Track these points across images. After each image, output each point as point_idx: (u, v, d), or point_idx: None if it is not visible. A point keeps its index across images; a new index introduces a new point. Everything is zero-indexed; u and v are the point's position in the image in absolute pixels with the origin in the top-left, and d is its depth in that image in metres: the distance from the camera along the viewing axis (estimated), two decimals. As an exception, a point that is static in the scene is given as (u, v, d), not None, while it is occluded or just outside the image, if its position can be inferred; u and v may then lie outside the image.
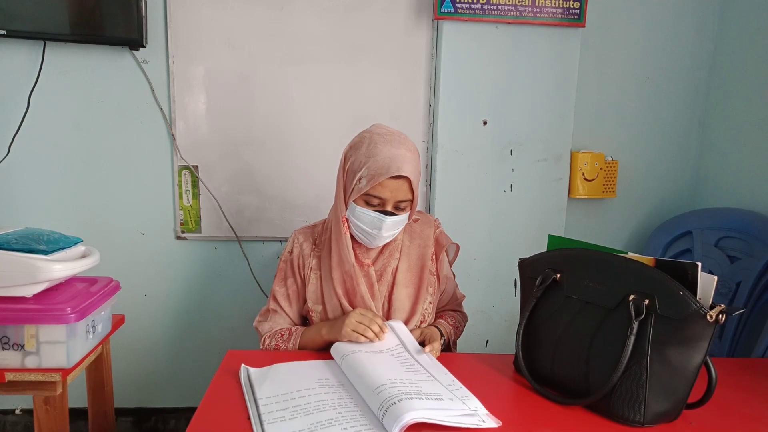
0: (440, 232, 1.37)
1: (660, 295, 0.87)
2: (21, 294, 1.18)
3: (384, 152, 1.17)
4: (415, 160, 1.20)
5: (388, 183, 1.16)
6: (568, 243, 1.07)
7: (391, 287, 1.27)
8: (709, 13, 2.09)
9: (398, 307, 1.26)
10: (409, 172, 1.16)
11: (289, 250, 1.34)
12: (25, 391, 1.19)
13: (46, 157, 1.86)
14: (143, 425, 2.07)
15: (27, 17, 1.68)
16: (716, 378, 0.91)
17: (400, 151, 1.17)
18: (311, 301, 1.28)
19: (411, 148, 1.21)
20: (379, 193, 1.17)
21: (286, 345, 1.23)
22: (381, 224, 1.18)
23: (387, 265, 1.28)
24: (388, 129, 1.24)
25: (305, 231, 1.36)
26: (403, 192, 1.18)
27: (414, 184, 1.19)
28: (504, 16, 1.89)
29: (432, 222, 1.38)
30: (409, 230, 1.33)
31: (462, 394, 0.95)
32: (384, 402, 0.87)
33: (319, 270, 1.29)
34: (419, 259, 1.31)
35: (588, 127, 2.10)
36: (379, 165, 1.16)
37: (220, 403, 0.95)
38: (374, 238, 1.22)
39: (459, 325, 1.39)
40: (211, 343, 2.03)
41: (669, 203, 2.20)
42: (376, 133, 1.22)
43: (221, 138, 1.92)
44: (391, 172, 1.15)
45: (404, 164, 1.16)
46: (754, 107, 1.92)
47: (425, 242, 1.33)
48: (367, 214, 1.19)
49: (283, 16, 1.88)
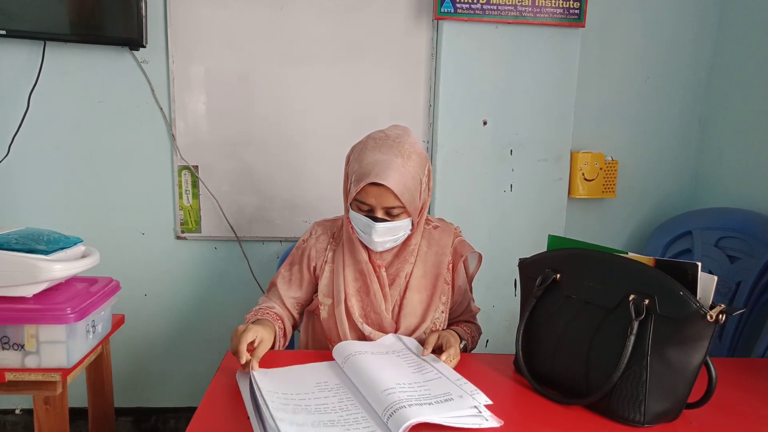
0: (460, 240, 1.33)
1: (660, 295, 0.87)
2: (21, 294, 1.18)
3: (369, 158, 1.15)
4: (405, 167, 1.14)
5: (370, 189, 1.14)
6: (568, 243, 1.07)
7: (404, 292, 1.25)
8: (709, 13, 2.09)
9: (409, 312, 1.24)
10: (390, 180, 1.12)
11: (304, 238, 1.34)
12: (25, 391, 1.19)
13: (46, 157, 1.86)
14: (143, 425, 2.07)
15: (27, 17, 1.68)
16: (716, 378, 0.91)
17: (387, 157, 1.14)
18: (322, 294, 1.27)
19: (403, 153, 1.16)
20: (364, 198, 1.16)
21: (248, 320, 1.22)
22: (371, 230, 1.16)
23: (401, 269, 1.26)
24: (388, 132, 1.21)
25: (324, 224, 1.36)
26: (389, 199, 1.14)
27: (399, 192, 1.13)
28: (504, 16, 1.89)
29: (452, 230, 1.34)
30: (428, 237, 1.31)
31: (470, 389, 0.95)
32: (391, 405, 0.87)
33: (333, 263, 1.29)
34: (435, 266, 1.28)
35: (588, 127, 2.10)
36: (362, 171, 1.14)
37: (220, 403, 0.95)
38: (370, 243, 1.20)
39: (474, 336, 1.35)
40: (211, 343, 2.03)
41: (669, 203, 2.20)
42: (373, 137, 1.20)
43: (221, 138, 1.92)
44: (370, 179, 1.12)
45: (385, 171, 1.12)
46: (754, 107, 1.92)
47: (443, 250, 1.30)
48: (360, 219, 1.18)
49: (283, 16, 1.88)
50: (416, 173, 1.18)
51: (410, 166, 1.16)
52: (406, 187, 1.15)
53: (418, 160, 1.19)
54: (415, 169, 1.17)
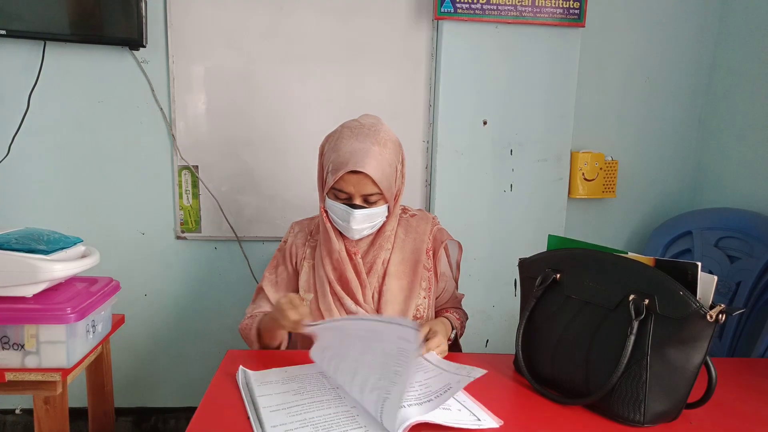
0: (438, 228, 1.37)
1: (660, 295, 0.87)
2: (21, 294, 1.18)
3: (347, 146, 1.18)
4: (381, 154, 1.18)
5: (349, 177, 1.17)
6: (568, 243, 1.07)
7: (383, 278, 1.27)
8: (710, 14, 2.09)
9: (390, 299, 1.26)
10: (370, 168, 1.15)
11: (285, 239, 1.37)
12: (25, 391, 1.19)
13: (46, 157, 1.86)
14: (143, 425, 2.07)
15: (27, 17, 1.67)
16: (716, 378, 0.91)
17: (364, 146, 1.17)
18: (302, 290, 1.29)
19: (380, 141, 1.19)
20: (342, 187, 1.19)
21: (251, 326, 1.25)
22: (349, 217, 1.20)
23: (377, 256, 1.28)
24: (363, 122, 1.23)
25: (302, 222, 1.40)
26: (367, 186, 1.18)
27: (378, 179, 1.17)
28: (504, 16, 1.89)
29: (430, 219, 1.38)
30: (406, 224, 1.34)
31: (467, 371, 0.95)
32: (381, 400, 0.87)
33: (312, 259, 1.31)
34: (413, 252, 1.31)
35: (588, 127, 2.10)
36: (340, 160, 1.17)
37: (220, 403, 0.95)
38: (348, 231, 1.23)
39: (463, 322, 1.40)
40: (211, 343, 2.03)
41: (669, 203, 2.20)
42: (348, 126, 1.23)
43: (221, 138, 1.92)
44: (349, 167, 1.15)
45: (364, 159, 1.15)
46: (754, 107, 1.92)
47: (421, 237, 1.33)
48: (338, 207, 1.21)
49: (283, 16, 1.88)
50: (392, 160, 1.22)
51: (387, 153, 1.20)
52: (384, 173, 1.19)
53: (394, 148, 1.23)
54: (391, 156, 1.21)
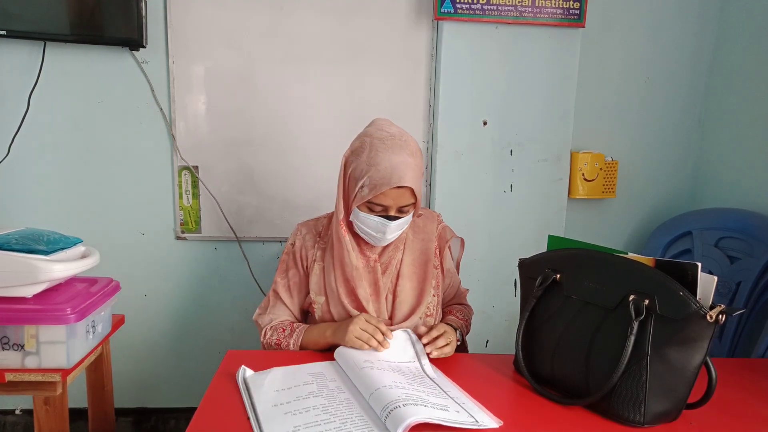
0: (443, 227, 1.38)
1: (660, 296, 0.87)
2: (21, 294, 1.18)
3: (385, 161, 1.15)
4: (417, 165, 1.19)
5: (390, 192, 1.16)
6: (568, 243, 1.07)
7: (396, 279, 1.28)
8: (710, 14, 2.09)
9: (403, 300, 1.27)
10: (410, 181, 1.15)
11: (291, 242, 1.35)
12: (25, 392, 1.19)
13: (46, 157, 1.86)
14: (143, 425, 2.07)
15: (27, 17, 1.67)
16: (716, 378, 0.91)
17: (402, 158, 1.16)
18: (314, 292, 1.28)
19: (413, 152, 1.19)
20: (381, 201, 1.17)
21: (287, 341, 1.23)
22: (385, 228, 1.20)
23: (392, 257, 1.29)
24: (389, 131, 1.21)
25: (308, 224, 1.38)
26: (406, 198, 1.18)
27: (416, 190, 1.18)
28: (504, 17, 1.89)
29: (435, 217, 1.39)
30: (413, 225, 1.34)
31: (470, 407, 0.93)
32: (389, 404, 0.87)
33: (323, 261, 1.30)
34: (423, 253, 1.32)
35: (588, 127, 2.10)
36: (380, 175, 1.15)
37: (220, 403, 0.95)
38: (379, 240, 1.23)
39: (468, 318, 1.40)
40: (211, 343, 2.03)
41: (669, 203, 2.20)
42: (377, 137, 1.19)
43: (221, 138, 1.92)
44: (393, 183, 1.14)
45: (406, 173, 1.15)
46: (754, 107, 1.92)
47: (428, 237, 1.33)
48: (372, 219, 1.20)
49: (283, 16, 1.88)
50: (422, 168, 1.25)
51: (419, 163, 1.22)
52: (418, 184, 1.21)
53: (421, 156, 1.24)
54: (421, 165, 1.23)
